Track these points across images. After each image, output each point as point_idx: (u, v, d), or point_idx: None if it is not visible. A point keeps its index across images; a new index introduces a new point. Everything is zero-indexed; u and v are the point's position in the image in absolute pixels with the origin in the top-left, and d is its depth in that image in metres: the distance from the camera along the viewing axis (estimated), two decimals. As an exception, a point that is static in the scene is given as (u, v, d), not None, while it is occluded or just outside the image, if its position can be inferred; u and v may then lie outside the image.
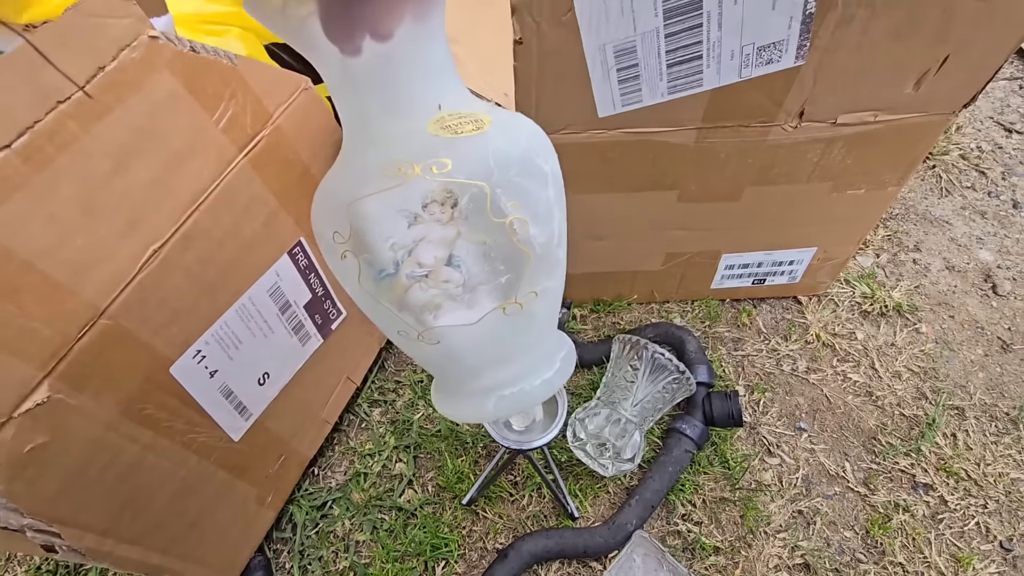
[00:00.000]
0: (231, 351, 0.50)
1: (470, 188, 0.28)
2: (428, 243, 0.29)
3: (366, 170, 0.29)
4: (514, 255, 0.30)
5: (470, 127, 0.29)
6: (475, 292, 0.31)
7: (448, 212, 0.29)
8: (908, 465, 0.63)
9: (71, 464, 0.39)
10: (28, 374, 0.36)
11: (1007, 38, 0.44)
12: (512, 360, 0.35)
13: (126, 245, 0.40)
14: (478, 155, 0.29)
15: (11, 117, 0.34)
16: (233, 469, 0.53)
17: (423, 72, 0.29)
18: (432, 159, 0.28)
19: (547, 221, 0.31)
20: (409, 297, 0.31)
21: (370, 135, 0.30)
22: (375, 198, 0.29)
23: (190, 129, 0.44)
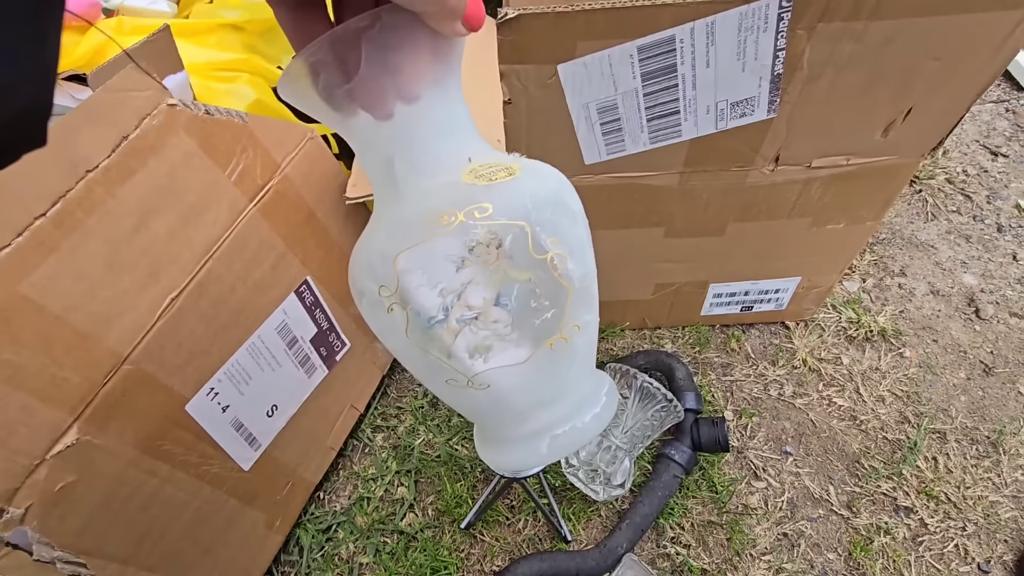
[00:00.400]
0: (242, 386, 0.53)
1: (512, 228, 0.30)
2: (476, 285, 0.30)
3: (406, 223, 0.31)
4: (556, 290, 0.32)
5: (503, 174, 0.31)
6: (522, 330, 0.32)
7: (494, 253, 0.30)
8: (890, 488, 0.65)
9: (96, 499, 0.42)
10: (59, 419, 0.39)
11: (966, 92, 0.47)
12: (559, 399, 0.36)
13: (146, 295, 0.44)
14: (515, 198, 0.30)
15: (45, 188, 0.38)
16: (243, 497, 0.56)
17: (449, 129, 0.31)
18: (473, 205, 0.29)
19: (582, 256, 0.33)
20: (459, 342, 0.32)
21: (402, 192, 0.31)
22: (422, 248, 0.30)
23: (205, 184, 0.47)
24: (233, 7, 0.74)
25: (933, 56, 0.44)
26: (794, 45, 0.43)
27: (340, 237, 0.62)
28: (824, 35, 0.42)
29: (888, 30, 0.41)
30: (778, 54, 0.44)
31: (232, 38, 0.73)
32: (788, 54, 0.44)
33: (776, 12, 0.41)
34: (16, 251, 0.36)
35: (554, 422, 0.37)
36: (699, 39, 0.43)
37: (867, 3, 0.40)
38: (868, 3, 0.40)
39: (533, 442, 0.37)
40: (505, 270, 0.30)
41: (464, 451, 0.69)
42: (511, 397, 0.35)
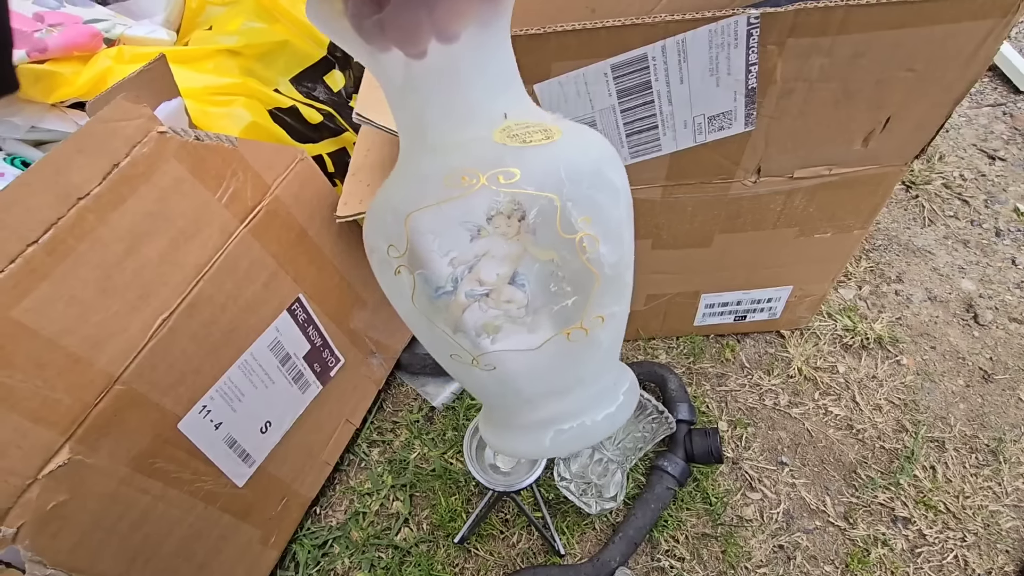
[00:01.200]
0: (235, 404, 0.54)
1: (539, 200, 0.27)
2: (491, 259, 0.28)
3: (425, 180, 0.28)
4: (582, 275, 0.29)
5: (539, 136, 0.28)
6: (538, 314, 0.29)
7: (515, 226, 0.27)
8: (888, 499, 0.64)
9: (88, 518, 0.43)
10: (51, 439, 0.41)
11: (943, 100, 0.48)
12: (572, 392, 0.33)
13: (138, 317, 0.45)
14: (548, 166, 0.27)
15: (38, 216, 0.39)
16: (238, 513, 0.57)
17: (489, 78, 0.27)
18: (499, 168, 0.27)
19: (618, 240, 0.30)
20: (467, 318, 0.29)
21: (430, 143, 0.28)
22: (436, 209, 0.27)
23: (195, 208, 0.49)
24: (230, 33, 0.76)
25: (906, 67, 0.44)
26: (766, 60, 0.44)
27: (332, 254, 0.64)
28: (795, 50, 0.43)
29: (857, 44, 0.42)
30: (751, 69, 0.44)
31: (229, 63, 0.75)
32: (761, 69, 0.45)
33: (745, 29, 0.42)
34: (9, 277, 0.38)
35: (562, 415, 0.34)
36: (671, 56, 0.43)
37: (834, 19, 0.40)
38: (835, 19, 0.40)
39: (537, 433, 0.35)
40: (526, 246, 0.28)
41: (458, 465, 0.70)
42: (518, 382, 0.33)
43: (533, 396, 0.33)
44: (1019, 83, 1.10)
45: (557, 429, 0.34)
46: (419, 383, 0.76)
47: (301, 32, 0.80)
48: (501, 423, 0.37)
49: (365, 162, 0.67)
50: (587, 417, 0.34)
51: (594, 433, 0.34)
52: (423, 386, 0.76)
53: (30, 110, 0.64)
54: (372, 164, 0.66)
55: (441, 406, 0.74)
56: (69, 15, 0.65)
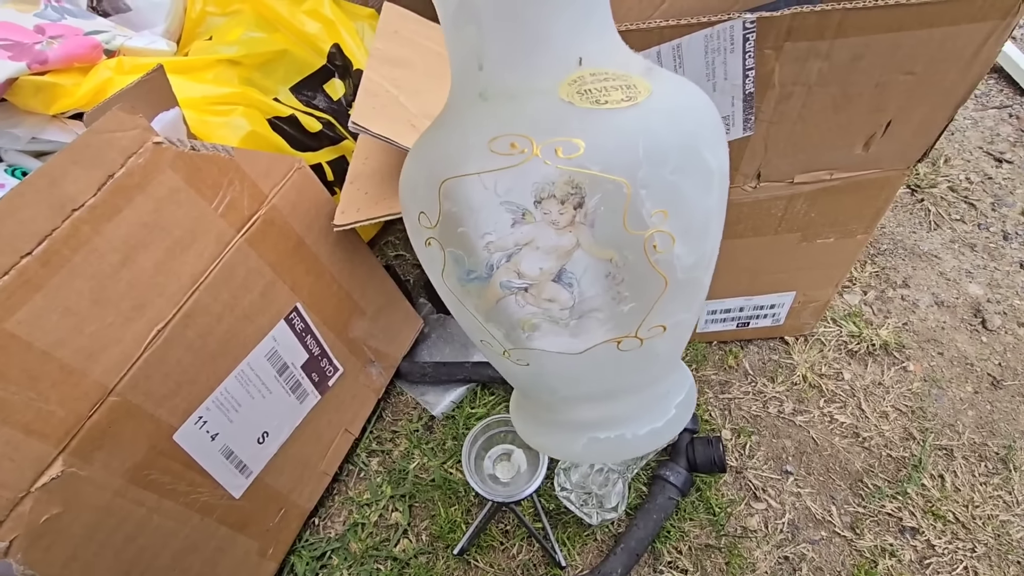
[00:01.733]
0: (231, 414, 0.54)
1: (604, 185, 0.21)
2: (535, 250, 0.22)
3: (468, 139, 0.23)
4: (647, 279, 0.23)
5: (618, 96, 0.21)
6: (585, 319, 0.24)
7: (569, 213, 0.22)
8: (895, 508, 0.63)
9: (82, 530, 0.43)
10: (44, 452, 0.40)
11: (944, 103, 0.47)
12: (616, 398, 0.29)
13: (132, 328, 0.45)
14: (623, 139, 0.21)
15: (32, 228, 0.39)
16: (234, 525, 0.56)
17: (565, 9, 0.21)
18: (558, 137, 0.21)
19: (701, 238, 0.24)
20: (500, 309, 0.25)
21: (482, 88, 0.22)
22: (476, 180, 0.22)
23: (191, 218, 0.49)
24: (230, 43, 0.77)
25: (905, 70, 0.43)
26: (763, 64, 0.43)
27: (330, 263, 0.63)
28: (792, 54, 0.42)
29: (855, 47, 0.41)
30: (747, 73, 0.44)
31: (229, 73, 0.76)
32: (758, 73, 0.44)
33: (741, 33, 0.41)
34: (3, 290, 0.38)
35: (600, 422, 0.29)
36: (666, 62, 0.43)
37: (831, 22, 0.40)
38: (832, 22, 0.40)
39: (569, 434, 0.31)
40: (579, 240, 0.22)
41: (458, 475, 0.69)
42: (554, 383, 0.28)
43: (570, 397, 0.29)
44: (1025, 85, 1.09)
45: (592, 437, 0.29)
46: (418, 392, 0.76)
47: (301, 42, 0.80)
48: (532, 414, 0.33)
49: (363, 170, 0.66)
50: (628, 429, 0.29)
51: (634, 447, 0.30)
52: (422, 395, 0.75)
53: (31, 121, 0.65)
54: (370, 172, 0.66)
55: (440, 415, 0.74)
56: (70, 27, 0.66)
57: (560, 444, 0.31)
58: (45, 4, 0.68)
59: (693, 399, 0.32)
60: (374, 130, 0.55)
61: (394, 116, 0.58)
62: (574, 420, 0.30)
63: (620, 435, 0.29)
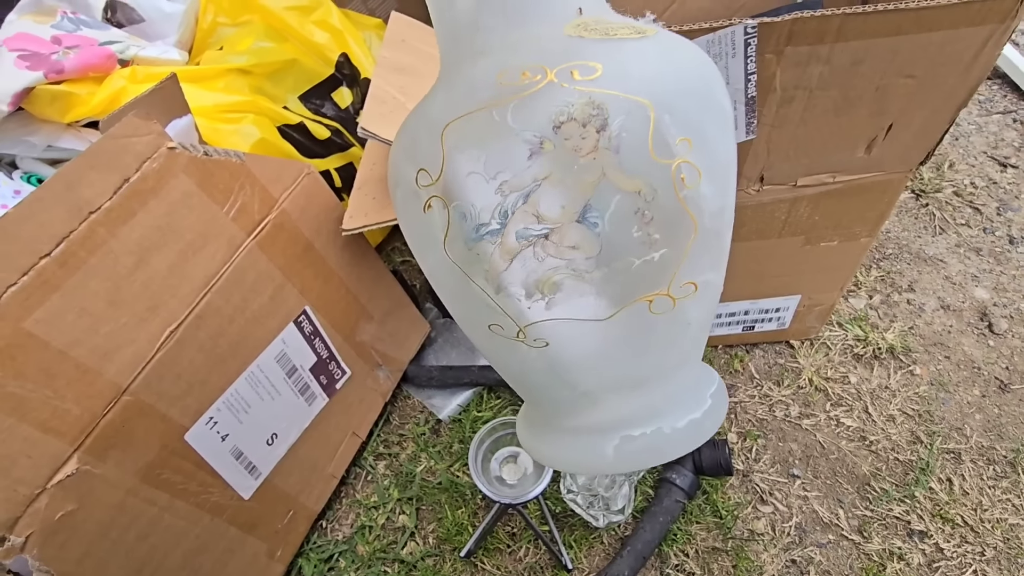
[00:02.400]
0: (241, 415, 0.55)
1: (627, 105, 0.19)
2: (556, 184, 0.20)
3: (473, 81, 0.21)
4: (676, 219, 0.21)
5: (627, 31, 0.21)
6: (612, 270, 0.22)
7: (592, 137, 0.19)
8: (903, 512, 0.63)
9: (95, 528, 0.44)
10: (60, 449, 0.41)
11: (945, 106, 0.47)
12: (646, 386, 0.26)
13: (146, 328, 0.46)
14: (641, 63, 0.20)
15: (50, 230, 0.40)
16: (243, 526, 0.57)
17: None
18: (573, 61, 0.19)
19: (724, 181, 0.23)
20: (515, 271, 0.22)
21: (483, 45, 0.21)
22: (485, 116, 0.20)
23: (203, 222, 0.50)
24: (241, 52, 0.78)
25: (905, 74, 0.44)
26: (764, 69, 0.44)
27: (338, 267, 0.64)
28: (793, 58, 0.43)
29: (855, 51, 0.42)
30: (750, 78, 0.45)
31: (240, 81, 0.77)
32: (760, 77, 0.45)
33: (743, 38, 0.42)
34: (22, 290, 0.39)
35: (632, 418, 0.26)
36: (670, 67, 0.44)
37: (831, 27, 0.41)
38: (832, 27, 0.41)
39: (597, 439, 0.27)
40: (604, 169, 0.20)
41: (465, 477, 0.69)
42: (577, 366, 0.25)
43: (594, 388, 0.26)
44: (1028, 90, 1.09)
45: (625, 436, 0.26)
46: (425, 395, 0.76)
47: (310, 51, 0.82)
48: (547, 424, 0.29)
49: (371, 175, 0.67)
50: (665, 422, 0.26)
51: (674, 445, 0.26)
52: (429, 398, 0.76)
53: (47, 130, 0.66)
54: (378, 177, 0.67)
55: (447, 419, 0.74)
56: (85, 37, 0.68)
57: (586, 452, 0.27)
58: (61, 15, 0.70)
59: (724, 391, 0.30)
60: (382, 135, 0.56)
61: (401, 122, 0.59)
62: (601, 420, 0.27)
63: (657, 430, 0.26)
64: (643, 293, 0.22)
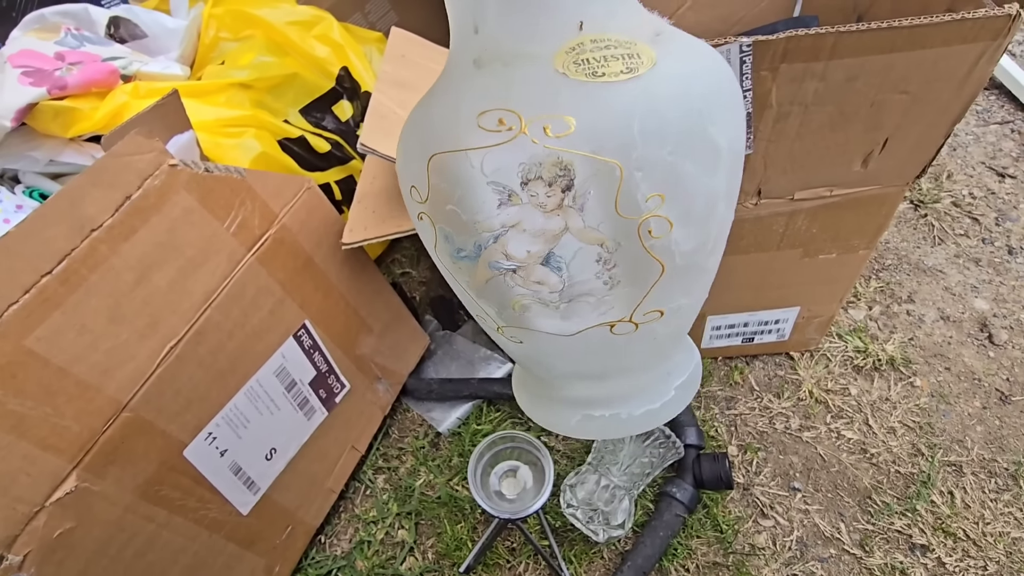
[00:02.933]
0: (240, 431, 0.55)
1: (595, 166, 0.20)
2: (522, 232, 0.21)
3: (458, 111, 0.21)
4: (641, 264, 0.22)
5: (617, 68, 0.20)
6: (575, 302, 0.23)
7: (556, 196, 0.20)
8: (904, 525, 0.62)
9: (93, 545, 0.44)
10: (59, 467, 0.41)
11: (939, 121, 0.48)
12: (612, 378, 0.28)
13: (146, 345, 0.46)
14: (618, 117, 0.20)
15: (52, 247, 0.40)
16: (242, 542, 0.57)
17: None
18: (547, 113, 0.20)
19: (703, 221, 0.23)
20: (491, 288, 0.24)
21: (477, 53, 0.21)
22: (463, 157, 0.21)
23: (204, 237, 0.50)
24: (242, 67, 0.79)
25: (899, 90, 0.44)
26: (760, 85, 0.44)
27: (338, 281, 0.64)
28: (788, 75, 0.43)
29: (849, 68, 0.43)
30: (745, 94, 0.45)
31: (241, 96, 0.78)
32: (756, 94, 0.45)
33: (738, 56, 0.42)
34: (23, 308, 0.39)
35: (595, 401, 0.29)
36: (666, 84, 0.44)
37: (825, 44, 0.41)
38: (826, 44, 0.41)
39: (565, 411, 0.31)
40: (568, 223, 0.21)
41: (464, 492, 0.69)
42: (548, 360, 0.28)
43: (565, 374, 0.29)
44: (1025, 101, 1.09)
45: (586, 414, 0.29)
46: (425, 409, 0.76)
47: (310, 65, 0.82)
48: (530, 389, 0.33)
49: (371, 189, 0.68)
50: (623, 409, 0.29)
51: (629, 427, 0.30)
52: (429, 412, 0.76)
53: (49, 145, 0.67)
54: (378, 191, 0.67)
55: (447, 432, 0.74)
56: (88, 53, 0.68)
57: (556, 418, 0.32)
58: (65, 32, 0.71)
59: (697, 380, 0.31)
60: (381, 151, 0.57)
61: (401, 137, 0.60)
62: (569, 397, 0.30)
63: (615, 414, 0.29)
64: (605, 320, 0.24)
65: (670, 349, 0.29)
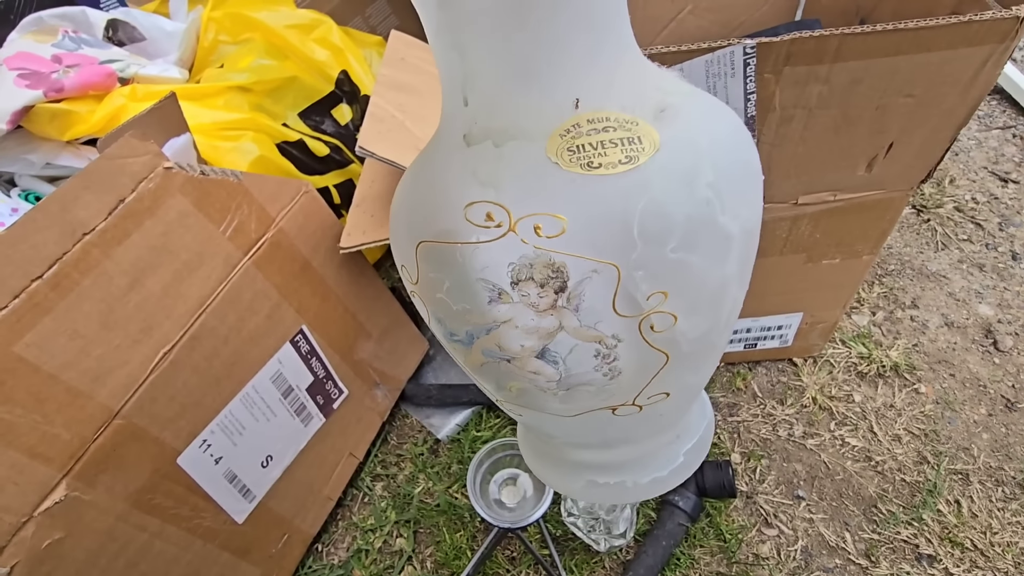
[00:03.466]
0: (235, 437, 0.54)
1: (590, 266, 0.18)
2: (514, 328, 0.20)
3: (447, 195, 0.20)
4: (645, 356, 0.21)
5: (616, 156, 0.18)
6: (575, 391, 0.22)
7: (549, 297, 0.19)
8: (911, 535, 0.61)
9: (84, 556, 0.43)
10: (48, 475, 0.40)
11: (945, 125, 0.47)
12: (617, 447, 0.27)
13: (139, 350, 0.45)
14: (615, 216, 0.18)
15: (43, 251, 0.40)
16: (237, 551, 0.56)
17: (568, 27, 0.17)
18: (540, 212, 0.18)
19: (712, 308, 0.22)
20: (486, 371, 0.23)
21: (466, 127, 0.19)
22: (450, 249, 0.20)
23: (199, 241, 0.49)
24: (241, 70, 0.79)
25: (904, 93, 0.44)
26: (763, 88, 0.44)
27: (336, 285, 0.64)
28: (792, 78, 0.43)
29: (854, 71, 0.42)
30: (749, 97, 0.44)
31: (239, 99, 0.77)
32: (759, 97, 0.45)
33: (742, 58, 0.42)
34: (12, 313, 0.38)
35: (600, 467, 0.28)
36: (668, 87, 0.44)
37: (829, 47, 0.40)
38: (830, 47, 0.40)
39: (569, 472, 0.30)
40: (562, 323, 0.20)
41: (463, 500, 0.68)
42: (548, 430, 0.27)
43: (568, 443, 0.28)
44: (1027, 106, 1.09)
45: (591, 480, 0.28)
46: (424, 415, 0.75)
47: (310, 68, 0.82)
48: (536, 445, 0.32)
49: (370, 192, 0.67)
50: (630, 477, 0.27)
51: (635, 495, 0.28)
52: (428, 418, 0.75)
53: (45, 147, 0.66)
54: (376, 195, 0.67)
55: (446, 438, 0.73)
56: (86, 56, 0.68)
57: (559, 480, 0.30)
58: (63, 34, 0.70)
59: (707, 443, 0.30)
60: (380, 154, 0.56)
61: (400, 141, 0.59)
62: (573, 460, 0.29)
63: (620, 482, 0.28)
64: (607, 404, 0.23)
65: (678, 419, 0.28)
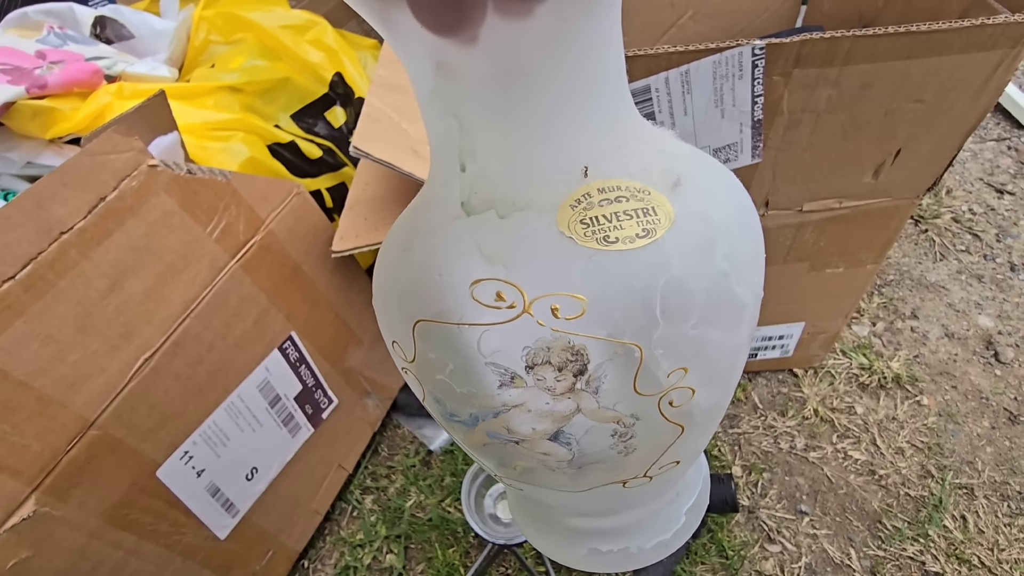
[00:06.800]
0: (219, 449, 0.51)
1: (612, 348, 0.17)
2: (526, 412, 0.19)
3: (451, 272, 0.18)
4: (660, 430, 0.20)
5: (632, 229, 0.17)
6: (586, 468, 0.21)
7: (567, 381, 0.18)
8: (917, 551, 0.60)
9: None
10: (16, 490, 0.38)
11: (954, 132, 0.46)
12: (620, 514, 0.26)
13: (117, 357, 0.43)
14: (637, 295, 0.17)
15: (16, 251, 0.37)
16: (218, 568, 0.53)
17: (570, 96, 0.16)
18: (557, 292, 0.17)
19: (726, 377, 0.21)
20: (488, 450, 0.22)
21: (465, 195, 0.18)
22: (453, 330, 0.18)
23: (184, 243, 0.47)
24: (232, 70, 0.77)
25: (914, 99, 0.43)
26: (772, 91, 0.43)
27: (327, 290, 0.62)
28: (801, 81, 0.42)
29: (864, 75, 0.41)
30: (756, 100, 0.43)
31: (230, 99, 0.75)
32: (767, 100, 0.43)
33: (750, 60, 0.41)
34: (-20, 315, 0.36)
35: (603, 535, 0.27)
36: (674, 88, 0.42)
37: (840, 49, 0.39)
38: (841, 49, 0.39)
39: (569, 540, 0.28)
40: (580, 405, 0.19)
41: (456, 514, 0.66)
42: (550, 503, 0.25)
43: (570, 513, 0.26)
44: (1022, 118, 1.10)
45: (592, 548, 0.27)
46: (416, 425, 0.73)
47: (303, 70, 0.80)
48: (532, 511, 0.29)
49: (363, 195, 0.65)
50: (634, 543, 0.26)
51: (640, 560, 0.27)
52: (420, 428, 0.73)
53: (27, 146, 0.64)
54: (370, 197, 0.65)
55: (439, 450, 0.71)
56: (71, 52, 0.66)
57: (558, 549, 0.29)
58: (48, 30, 0.68)
59: (706, 497, 0.29)
60: (375, 155, 0.54)
61: (395, 142, 0.58)
62: (573, 527, 0.27)
63: (624, 548, 0.27)
64: (617, 480, 0.22)
65: (679, 486, 0.27)
